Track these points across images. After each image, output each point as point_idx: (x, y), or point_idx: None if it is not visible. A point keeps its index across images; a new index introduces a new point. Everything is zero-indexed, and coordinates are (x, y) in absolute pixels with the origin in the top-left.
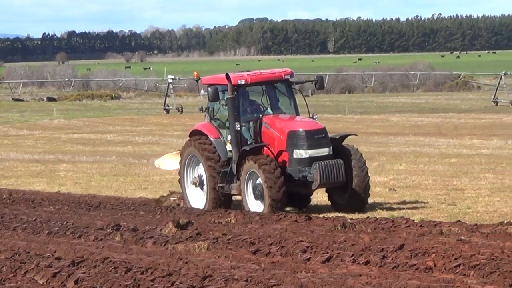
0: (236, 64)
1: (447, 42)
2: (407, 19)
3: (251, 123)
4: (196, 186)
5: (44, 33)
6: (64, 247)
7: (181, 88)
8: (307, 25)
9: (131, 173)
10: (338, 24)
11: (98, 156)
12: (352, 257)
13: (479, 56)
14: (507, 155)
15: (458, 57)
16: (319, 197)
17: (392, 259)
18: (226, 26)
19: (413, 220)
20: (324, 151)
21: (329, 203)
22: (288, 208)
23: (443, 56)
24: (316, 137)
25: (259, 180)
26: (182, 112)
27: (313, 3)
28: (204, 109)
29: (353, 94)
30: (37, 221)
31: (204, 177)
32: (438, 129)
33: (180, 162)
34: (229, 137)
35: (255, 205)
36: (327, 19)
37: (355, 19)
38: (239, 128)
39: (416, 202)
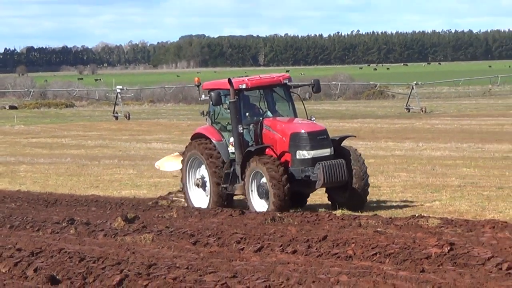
0: (177, 76)
1: (365, 56)
2: (329, 35)
3: (251, 126)
4: (198, 187)
5: (5, 48)
6: (24, 239)
7: (128, 97)
8: (240, 41)
9: (84, 173)
10: (268, 40)
11: (55, 158)
12: (281, 247)
13: (388, 68)
14: (418, 156)
15: (375, 69)
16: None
17: (316, 249)
18: (168, 42)
19: (335, 214)
20: (326, 151)
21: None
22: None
23: (361, 68)
24: (318, 138)
25: (264, 180)
26: (129, 118)
27: (245, 21)
28: (205, 113)
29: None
30: (0, 216)
31: (206, 178)
32: (357, 133)
33: (182, 162)
34: (231, 140)
35: (259, 204)
36: (258, 35)
37: (283, 35)
38: (241, 131)
39: None
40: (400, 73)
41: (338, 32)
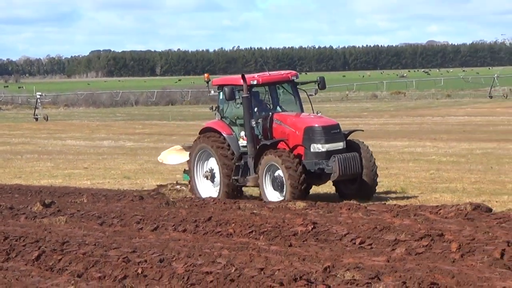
0: (88, 84)
1: (244, 67)
2: (214, 50)
3: (260, 120)
4: (207, 179)
5: None
6: None
7: (46, 102)
8: (140, 55)
9: (9, 165)
10: (164, 54)
11: None
12: (173, 227)
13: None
14: None
15: None
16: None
17: (203, 228)
18: (80, 56)
19: (219, 199)
20: (339, 145)
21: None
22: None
23: None
24: (332, 132)
25: (278, 172)
26: (47, 120)
27: (145, 38)
28: (214, 108)
29: (174, 106)
30: None
31: (215, 171)
32: None
33: (190, 155)
34: (242, 133)
35: (273, 196)
36: (155, 50)
37: (176, 50)
38: (254, 125)
39: None
40: None
41: (222, 48)
